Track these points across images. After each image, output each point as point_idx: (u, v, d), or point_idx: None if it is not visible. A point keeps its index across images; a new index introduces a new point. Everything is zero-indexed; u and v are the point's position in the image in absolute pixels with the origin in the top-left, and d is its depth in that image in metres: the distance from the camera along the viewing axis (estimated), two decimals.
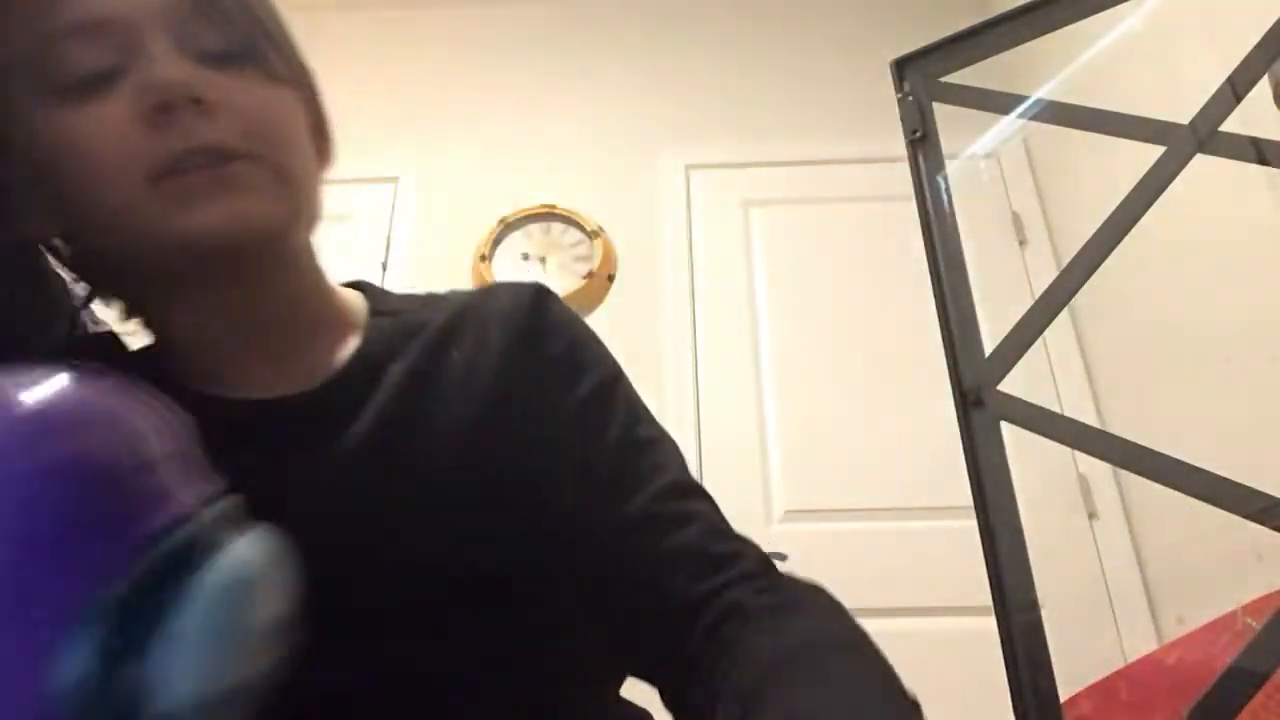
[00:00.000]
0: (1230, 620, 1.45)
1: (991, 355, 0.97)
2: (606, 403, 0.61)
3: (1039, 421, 0.95)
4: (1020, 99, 1.13)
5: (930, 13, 2.15)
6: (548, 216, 2.62)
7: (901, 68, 1.14)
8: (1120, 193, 0.96)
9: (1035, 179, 2.56)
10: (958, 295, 1.01)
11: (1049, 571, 0.95)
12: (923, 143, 1.09)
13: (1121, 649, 1.95)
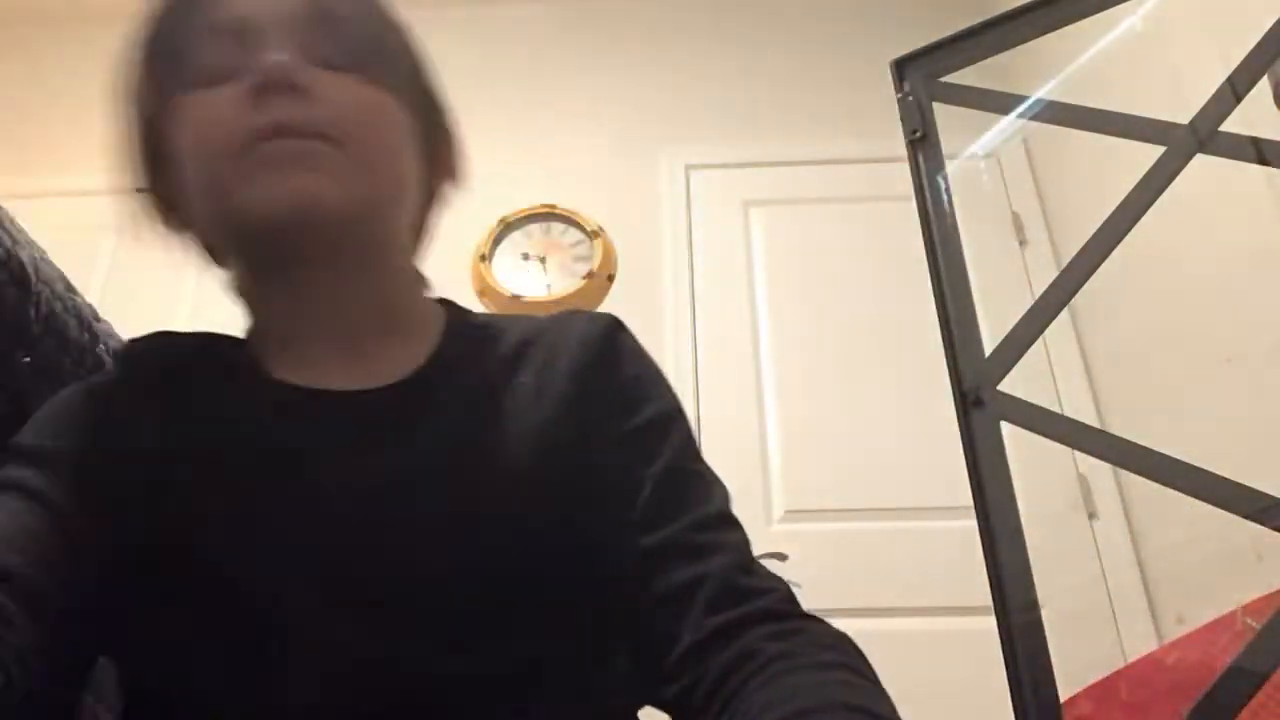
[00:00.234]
0: (1230, 620, 1.45)
1: (991, 355, 0.97)
2: (661, 433, 0.64)
3: (1039, 421, 0.95)
4: (1020, 99, 1.13)
5: (930, 13, 2.14)
6: (548, 216, 2.61)
7: (901, 68, 1.14)
8: (1120, 193, 0.96)
9: (1035, 179, 2.56)
10: (958, 295, 1.01)
11: (1049, 571, 0.95)
12: (923, 143, 1.09)
13: (1121, 649, 1.95)
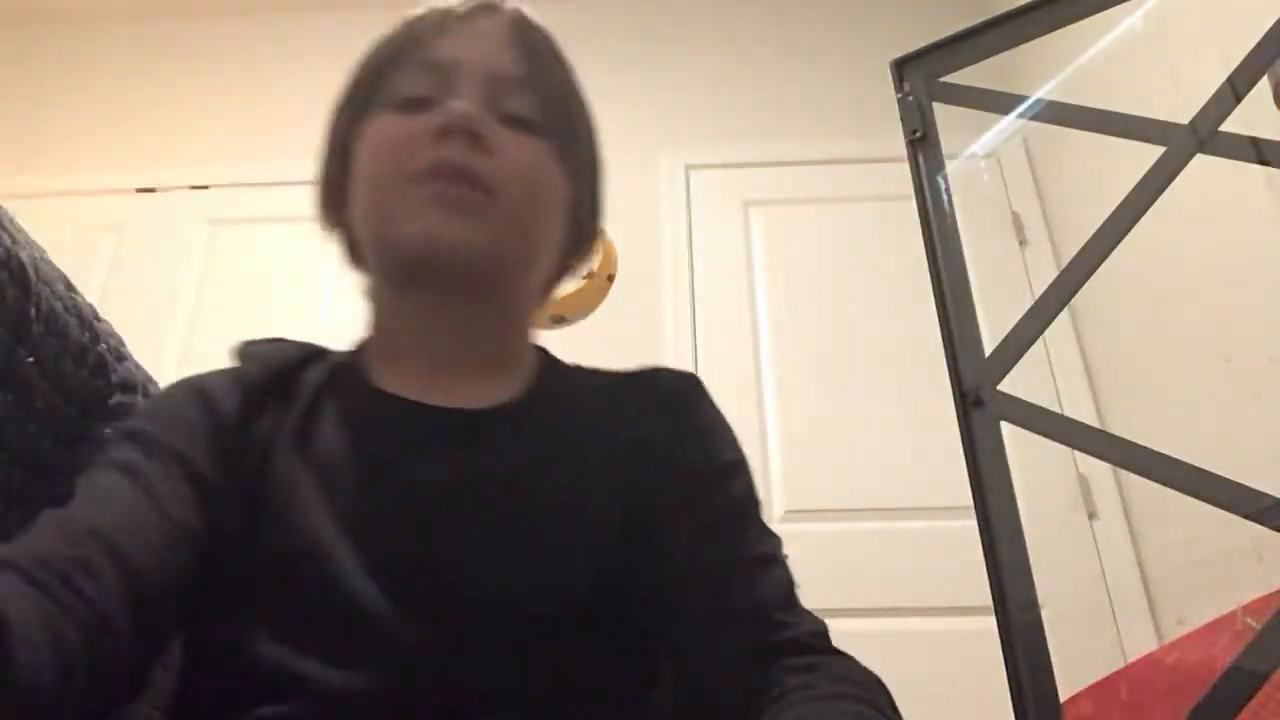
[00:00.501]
0: (1230, 620, 1.45)
1: (991, 355, 0.97)
2: (726, 476, 0.69)
3: (1039, 421, 0.95)
4: (1020, 99, 1.13)
5: (930, 13, 2.14)
6: None
7: (901, 68, 1.14)
8: (1120, 193, 0.96)
9: (1035, 179, 2.56)
10: (958, 295, 1.01)
11: (1049, 571, 0.95)
12: (923, 143, 1.09)
13: (1121, 649, 1.95)
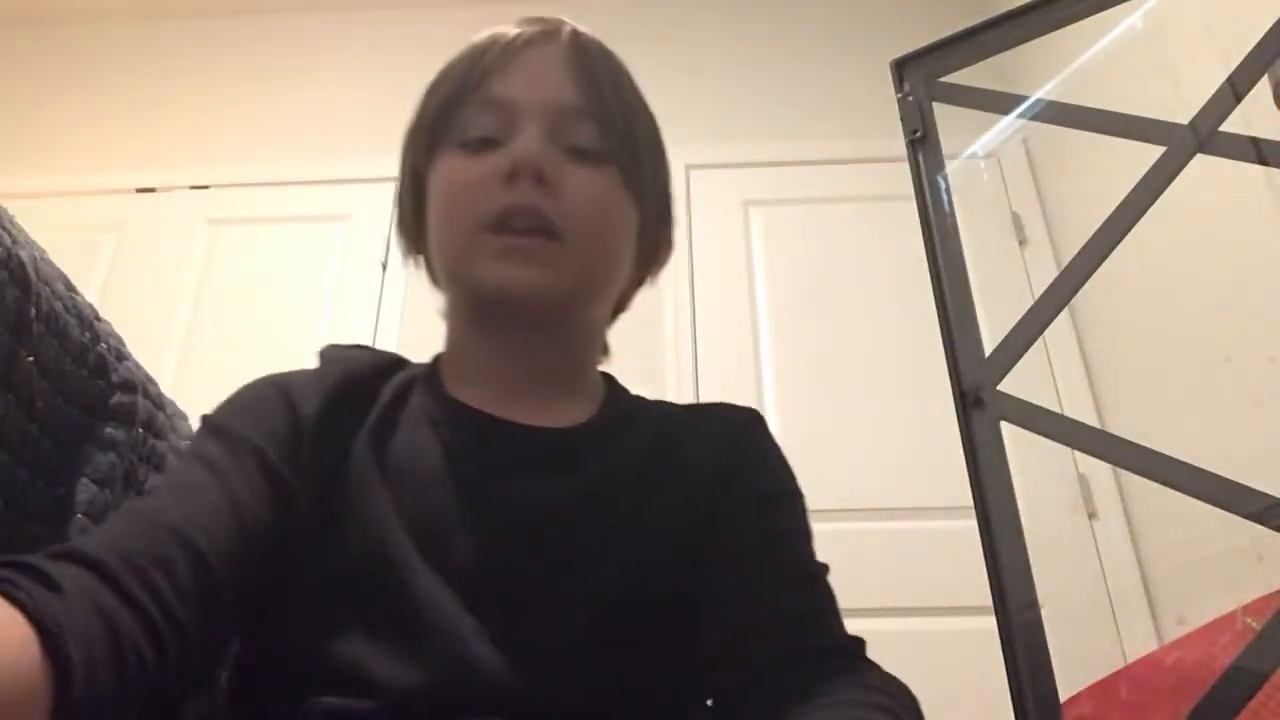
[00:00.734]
0: (1230, 620, 1.45)
1: (991, 355, 0.97)
2: (783, 503, 0.72)
3: (1039, 421, 0.95)
4: (1020, 99, 1.13)
5: (930, 13, 2.14)
6: None
7: (901, 68, 1.14)
8: (1120, 193, 0.96)
9: (1035, 179, 2.56)
10: (958, 295, 1.01)
11: (1049, 571, 0.95)
12: (923, 143, 1.09)
13: (1121, 649, 1.95)
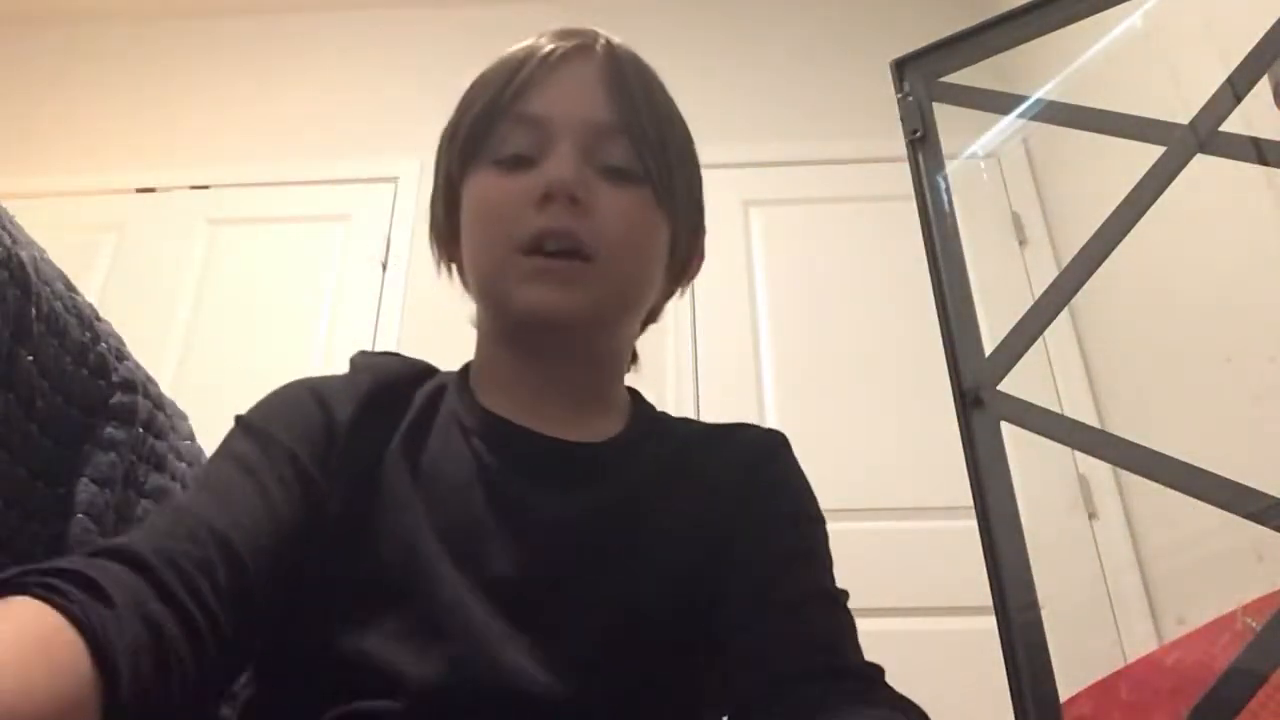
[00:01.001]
0: (1230, 620, 1.45)
1: (991, 355, 0.97)
2: (803, 525, 0.73)
3: (1039, 421, 0.95)
4: (1020, 99, 1.13)
5: (930, 13, 2.14)
6: None
7: (901, 68, 1.14)
8: (1120, 193, 0.96)
9: (1035, 179, 2.56)
10: (958, 295, 1.01)
11: (1049, 571, 0.95)
12: (923, 143, 1.09)
13: (1121, 649, 1.95)
